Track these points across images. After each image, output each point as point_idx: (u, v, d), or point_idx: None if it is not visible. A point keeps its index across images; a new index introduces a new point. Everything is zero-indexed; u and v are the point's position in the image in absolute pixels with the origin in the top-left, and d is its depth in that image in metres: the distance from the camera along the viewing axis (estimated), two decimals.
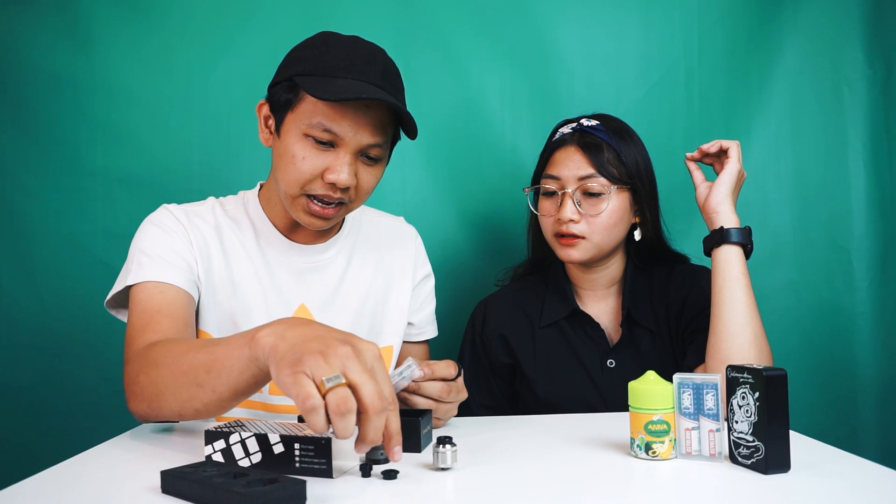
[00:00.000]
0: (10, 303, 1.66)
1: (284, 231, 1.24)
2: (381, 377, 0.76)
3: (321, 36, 1.15)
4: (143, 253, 1.15)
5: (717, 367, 1.16)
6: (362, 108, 1.08)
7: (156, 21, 1.70)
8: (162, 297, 1.11)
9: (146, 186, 1.67)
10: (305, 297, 1.23)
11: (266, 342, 0.80)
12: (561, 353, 1.39)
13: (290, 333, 0.79)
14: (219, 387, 0.87)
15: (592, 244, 1.32)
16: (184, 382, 0.91)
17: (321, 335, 0.78)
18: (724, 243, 1.21)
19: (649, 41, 1.78)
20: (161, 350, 0.98)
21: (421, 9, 1.75)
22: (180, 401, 0.92)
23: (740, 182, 1.26)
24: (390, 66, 1.14)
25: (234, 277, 1.20)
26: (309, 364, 0.73)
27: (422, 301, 1.37)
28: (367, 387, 0.73)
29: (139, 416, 1.01)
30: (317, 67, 1.09)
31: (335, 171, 1.09)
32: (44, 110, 1.67)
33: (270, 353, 0.79)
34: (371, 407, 0.72)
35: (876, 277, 1.75)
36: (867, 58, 1.77)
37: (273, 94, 1.14)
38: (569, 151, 1.34)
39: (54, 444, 1.61)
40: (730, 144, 1.25)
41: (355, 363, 0.74)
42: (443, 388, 0.98)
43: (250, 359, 0.82)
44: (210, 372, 0.87)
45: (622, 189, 1.33)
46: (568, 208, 1.31)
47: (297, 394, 0.72)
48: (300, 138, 1.10)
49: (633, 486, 0.80)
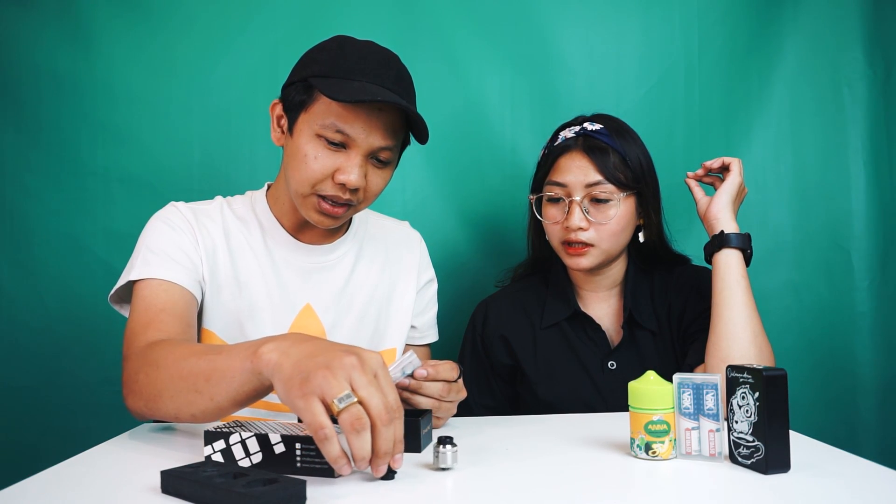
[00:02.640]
0: (10, 303, 1.66)
1: (292, 231, 1.25)
2: (386, 387, 0.77)
3: (336, 39, 1.16)
4: (150, 250, 1.15)
5: (717, 365, 1.16)
6: (375, 110, 1.09)
7: (157, 21, 1.70)
8: (166, 295, 1.11)
9: (147, 186, 1.67)
10: (311, 297, 1.23)
11: (269, 358, 0.81)
12: (562, 355, 1.39)
13: (293, 350, 0.80)
14: (217, 395, 0.88)
15: (601, 251, 1.32)
16: (182, 387, 0.91)
17: (325, 349, 0.78)
18: (724, 247, 1.23)
19: (649, 41, 1.78)
20: (162, 351, 0.98)
21: (421, 10, 1.75)
22: (178, 404, 0.93)
23: (741, 196, 1.30)
24: (404, 72, 1.15)
25: (240, 277, 1.20)
26: (317, 381, 0.74)
27: (425, 304, 1.37)
28: (375, 400, 0.74)
29: (136, 413, 1.01)
30: (332, 69, 1.10)
31: (346, 172, 1.10)
32: (45, 110, 1.67)
33: (275, 370, 0.79)
34: (380, 420, 0.74)
35: (876, 277, 1.75)
36: (867, 58, 1.77)
37: (287, 95, 1.15)
38: (574, 157, 1.32)
39: (54, 444, 1.61)
40: (732, 160, 1.29)
41: (361, 375, 0.75)
42: (443, 388, 0.99)
43: (252, 372, 0.83)
44: (210, 380, 0.88)
45: (629, 194, 1.32)
46: (576, 216, 1.30)
47: (310, 423, 0.73)
48: (312, 138, 1.11)
49: (633, 486, 0.80)
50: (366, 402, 0.74)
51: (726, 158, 1.30)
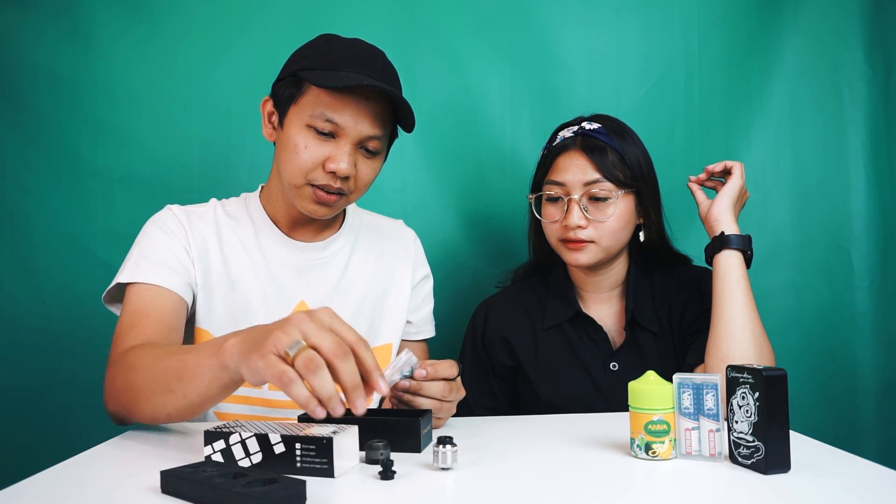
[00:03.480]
0: (11, 303, 1.66)
1: (285, 228, 1.27)
2: (340, 328, 0.79)
3: (323, 37, 1.20)
4: (142, 254, 1.18)
5: (717, 365, 1.17)
6: (363, 99, 1.12)
7: (157, 22, 1.70)
8: (152, 300, 1.13)
9: (147, 186, 1.68)
10: (305, 294, 1.24)
11: (233, 350, 0.83)
12: (563, 356, 1.39)
13: (251, 333, 0.83)
14: (189, 393, 0.91)
15: (601, 248, 1.32)
16: (156, 388, 0.94)
17: (279, 321, 0.81)
18: (724, 248, 1.23)
19: (649, 41, 1.78)
20: (138, 355, 1.01)
21: (421, 10, 1.75)
22: (153, 405, 0.96)
23: (742, 200, 1.31)
24: (390, 66, 1.19)
25: (233, 276, 1.22)
26: (271, 341, 0.76)
27: (420, 300, 1.38)
28: (326, 340, 0.76)
29: (115, 417, 1.04)
30: (320, 62, 1.14)
31: (336, 160, 1.13)
32: (45, 110, 1.68)
33: (239, 357, 0.81)
34: (335, 356, 0.75)
35: (876, 277, 1.75)
36: (867, 58, 1.77)
37: (277, 90, 1.19)
38: (572, 156, 1.33)
39: (54, 444, 1.61)
40: (734, 164, 1.30)
41: (311, 324, 0.77)
42: (444, 388, 0.99)
43: (220, 367, 0.85)
44: (182, 379, 0.91)
45: (627, 192, 1.33)
46: (575, 214, 1.30)
47: (273, 375, 0.75)
48: (302, 129, 1.14)
49: (633, 486, 0.80)
50: (318, 346, 0.76)
51: (728, 162, 1.30)
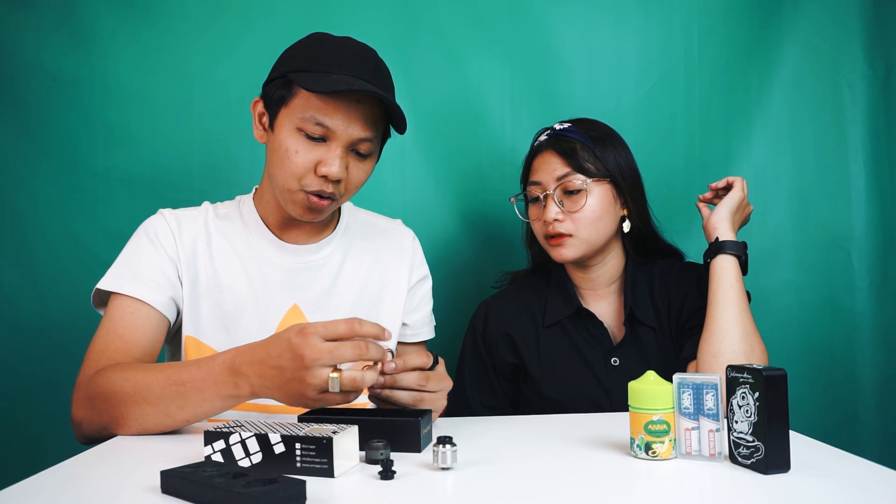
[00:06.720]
0: (11, 303, 1.66)
1: (277, 231, 1.25)
2: (333, 331, 0.89)
3: (314, 36, 1.18)
4: (126, 264, 1.18)
5: (708, 360, 1.20)
6: (354, 102, 1.11)
7: (156, 22, 1.70)
8: (131, 318, 1.13)
9: (146, 186, 1.68)
10: (298, 298, 1.23)
11: (264, 395, 0.94)
12: (565, 352, 1.40)
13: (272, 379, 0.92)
14: (189, 419, 1.00)
15: (581, 240, 1.35)
16: (152, 413, 1.00)
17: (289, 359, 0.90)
18: (720, 253, 1.27)
19: (649, 41, 1.78)
20: (121, 377, 1.02)
21: (421, 9, 1.75)
22: (141, 427, 1.01)
23: (744, 213, 1.35)
24: (381, 65, 1.17)
25: (223, 281, 1.21)
26: (310, 389, 0.88)
27: (417, 302, 1.36)
28: (346, 352, 0.88)
29: (84, 435, 1.07)
30: (310, 64, 1.12)
31: (327, 164, 1.11)
32: (44, 110, 1.67)
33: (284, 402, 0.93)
34: (360, 356, 0.89)
35: (876, 277, 1.75)
36: (867, 58, 1.77)
37: (267, 91, 1.17)
38: (546, 156, 1.39)
39: (54, 444, 1.61)
40: (735, 179, 1.34)
41: (320, 351, 0.87)
42: (420, 377, 0.96)
43: (233, 400, 0.96)
44: (183, 409, 0.98)
45: (600, 181, 1.35)
46: (551, 209, 1.35)
47: (335, 404, 0.92)
48: (293, 132, 1.12)
49: (633, 486, 0.80)
50: (343, 360, 0.88)
51: (730, 178, 1.35)
